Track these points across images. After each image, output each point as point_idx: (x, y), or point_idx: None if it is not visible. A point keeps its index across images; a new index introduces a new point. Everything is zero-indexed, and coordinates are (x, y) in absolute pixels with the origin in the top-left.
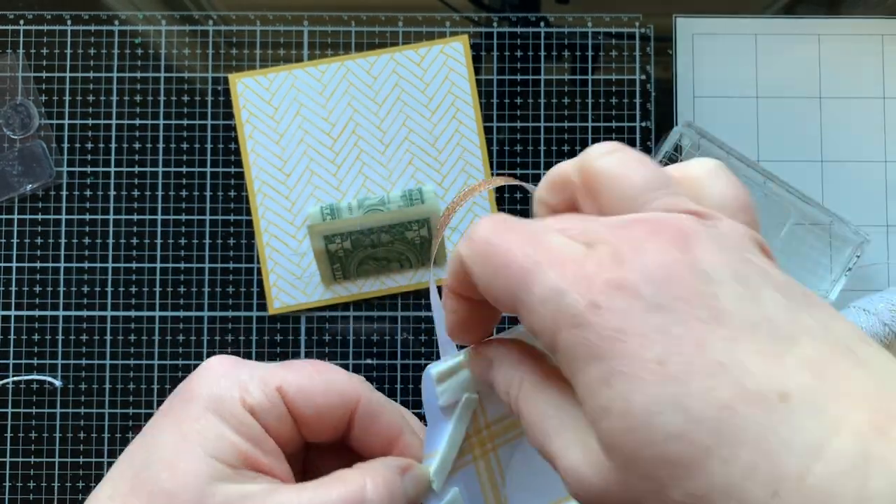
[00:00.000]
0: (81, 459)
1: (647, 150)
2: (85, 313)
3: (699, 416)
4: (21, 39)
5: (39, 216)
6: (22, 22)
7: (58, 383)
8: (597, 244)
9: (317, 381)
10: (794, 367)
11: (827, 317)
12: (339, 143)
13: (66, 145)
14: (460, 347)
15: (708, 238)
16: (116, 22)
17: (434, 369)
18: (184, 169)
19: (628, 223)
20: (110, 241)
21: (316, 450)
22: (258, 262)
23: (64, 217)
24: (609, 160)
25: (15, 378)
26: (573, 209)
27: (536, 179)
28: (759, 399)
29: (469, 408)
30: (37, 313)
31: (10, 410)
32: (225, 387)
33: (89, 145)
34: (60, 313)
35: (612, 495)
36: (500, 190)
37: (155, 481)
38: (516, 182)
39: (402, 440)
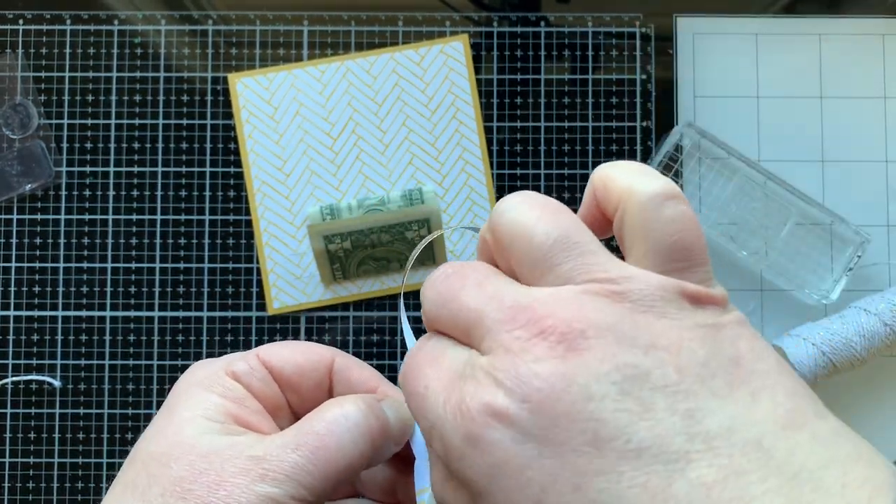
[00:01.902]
0: (81, 460)
1: (647, 150)
2: (84, 313)
3: None
4: (20, 39)
5: (39, 216)
6: (21, 21)
7: (57, 383)
8: (484, 351)
9: (295, 346)
10: (683, 498)
11: (743, 402)
12: (339, 142)
13: (65, 145)
14: None
15: (602, 333)
16: (116, 21)
17: None
18: (183, 169)
19: (516, 315)
20: (110, 241)
21: None
22: (258, 262)
23: (63, 217)
24: (511, 216)
25: (14, 378)
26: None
27: (536, 179)
28: None
29: None
30: (36, 313)
31: (9, 411)
32: (209, 368)
33: (89, 145)
34: (60, 313)
35: None
36: (499, 190)
37: (146, 450)
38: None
39: (379, 390)
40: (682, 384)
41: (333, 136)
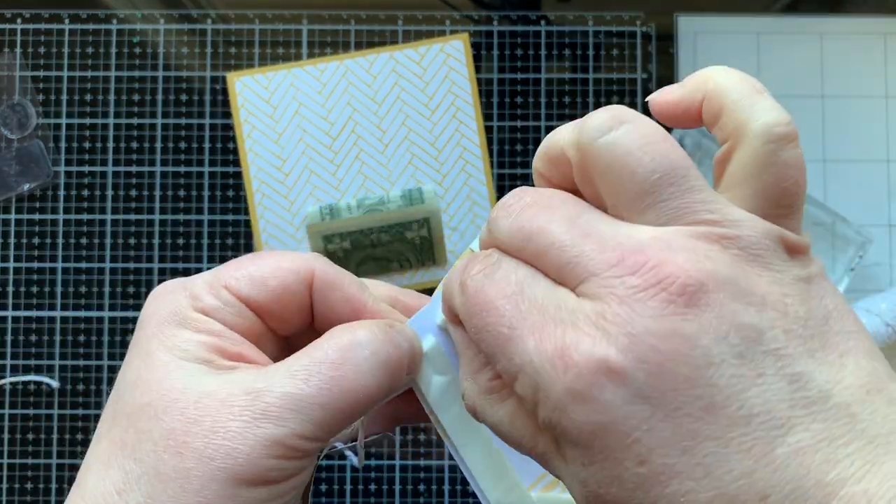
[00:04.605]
0: (79, 460)
1: None
2: (82, 314)
3: None
4: (18, 38)
5: (37, 216)
6: (19, 20)
7: (55, 384)
8: (584, 294)
9: (264, 264)
10: (781, 462)
11: (835, 365)
12: (339, 142)
13: (63, 145)
14: None
15: (720, 286)
16: (114, 20)
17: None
18: (182, 168)
19: (625, 258)
20: (108, 240)
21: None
22: None
23: (61, 217)
24: (610, 141)
25: (12, 379)
26: (572, 185)
27: None
28: None
29: None
30: (34, 314)
31: (7, 411)
32: (175, 301)
33: (87, 144)
34: (58, 314)
35: None
36: (500, 190)
37: (131, 402)
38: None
39: (368, 307)
40: (788, 347)
41: (333, 136)
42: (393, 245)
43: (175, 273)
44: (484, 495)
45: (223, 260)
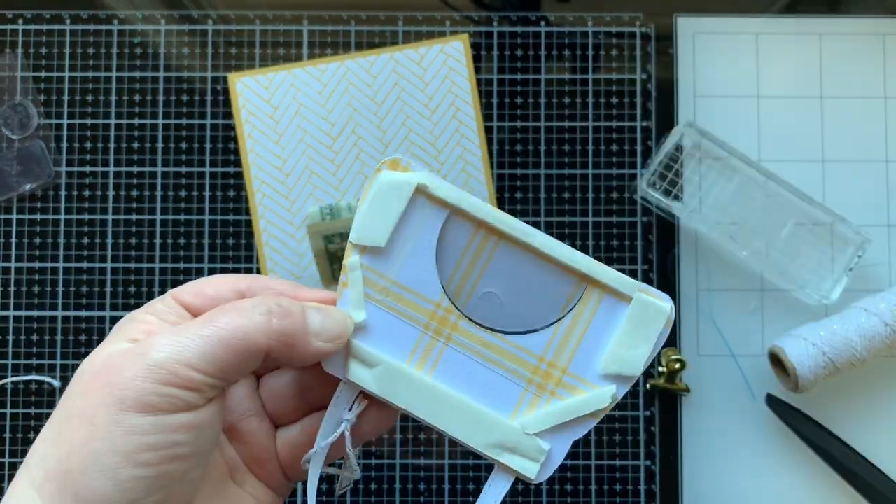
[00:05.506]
0: None
1: (647, 150)
2: (84, 314)
3: None
4: (20, 39)
5: (38, 216)
6: (21, 21)
7: (56, 384)
8: None
9: (208, 280)
10: None
11: None
12: (339, 142)
13: (65, 145)
14: None
15: None
16: (115, 21)
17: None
18: (183, 169)
19: None
20: (109, 241)
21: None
22: (258, 263)
23: (63, 217)
24: None
25: (14, 378)
26: None
27: (536, 179)
28: None
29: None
30: (35, 313)
31: (8, 411)
32: (132, 314)
33: (88, 145)
34: (59, 313)
35: None
36: (500, 190)
37: (71, 384)
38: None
39: (303, 293)
40: None
41: (333, 136)
42: None
43: (175, 273)
44: (469, 445)
45: (223, 260)
